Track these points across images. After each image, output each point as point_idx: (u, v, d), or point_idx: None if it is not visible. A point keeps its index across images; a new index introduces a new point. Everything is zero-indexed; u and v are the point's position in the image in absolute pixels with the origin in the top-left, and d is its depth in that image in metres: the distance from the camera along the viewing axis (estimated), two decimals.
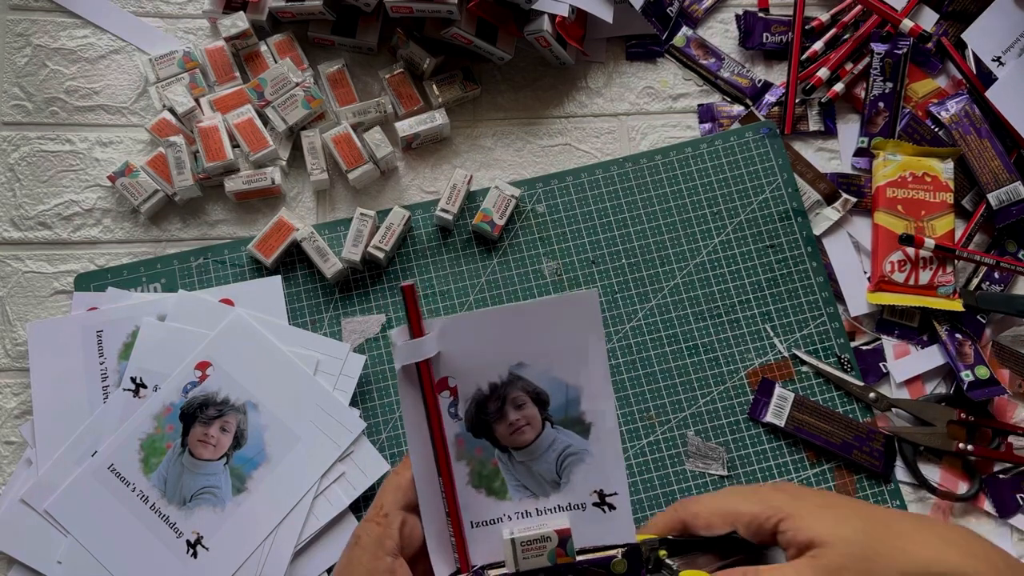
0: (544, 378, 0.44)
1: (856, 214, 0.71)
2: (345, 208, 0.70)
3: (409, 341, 0.42)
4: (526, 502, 0.45)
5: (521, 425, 0.44)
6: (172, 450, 0.60)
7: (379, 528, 0.44)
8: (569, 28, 0.70)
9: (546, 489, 0.45)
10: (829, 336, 0.67)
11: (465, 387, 0.44)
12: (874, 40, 0.73)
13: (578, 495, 0.45)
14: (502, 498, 0.45)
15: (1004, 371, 0.66)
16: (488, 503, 0.44)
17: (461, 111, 0.73)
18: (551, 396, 0.44)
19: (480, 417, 0.44)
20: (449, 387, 0.43)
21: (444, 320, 0.43)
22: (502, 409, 0.44)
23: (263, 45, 0.72)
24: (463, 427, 0.44)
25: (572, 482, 0.45)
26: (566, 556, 0.43)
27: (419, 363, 0.42)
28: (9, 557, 0.59)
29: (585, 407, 0.44)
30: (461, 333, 0.43)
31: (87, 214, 0.69)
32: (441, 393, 0.43)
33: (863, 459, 0.63)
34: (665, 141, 0.73)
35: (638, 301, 0.67)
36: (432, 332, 0.42)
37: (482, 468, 0.44)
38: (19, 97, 0.71)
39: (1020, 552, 0.63)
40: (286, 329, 0.64)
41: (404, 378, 0.43)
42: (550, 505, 0.45)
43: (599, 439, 0.44)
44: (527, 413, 0.44)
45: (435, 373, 0.43)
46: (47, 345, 0.63)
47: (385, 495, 0.45)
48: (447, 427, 0.44)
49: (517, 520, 0.45)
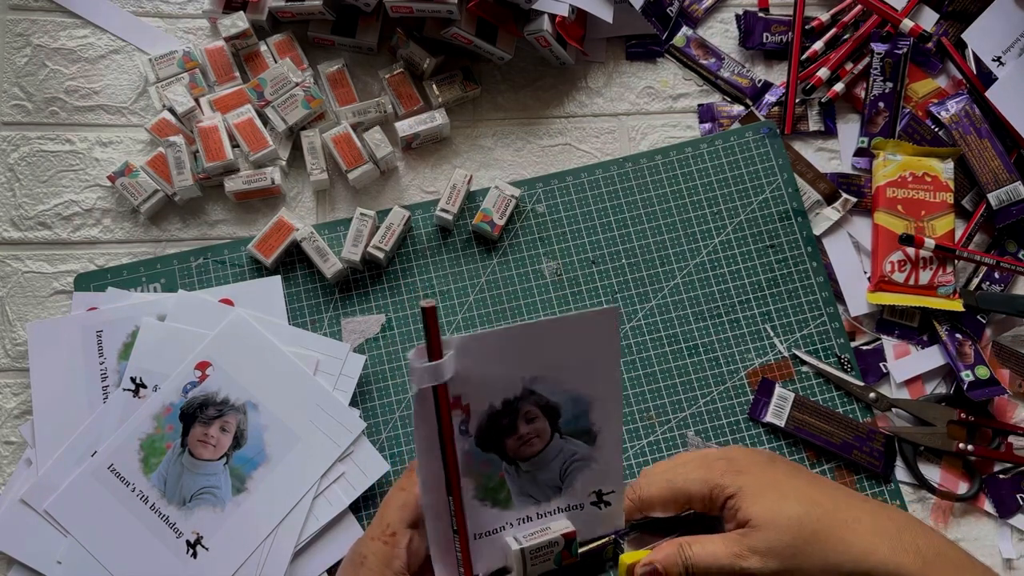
0: (558, 392, 0.43)
1: (856, 214, 0.71)
2: (345, 208, 0.70)
3: (428, 364, 0.40)
4: (528, 509, 0.45)
5: (531, 438, 0.44)
6: (172, 450, 0.60)
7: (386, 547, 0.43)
8: (569, 28, 0.70)
9: (548, 494, 0.45)
10: (829, 336, 0.67)
11: (477, 404, 0.42)
12: (874, 40, 0.73)
13: (578, 497, 0.45)
14: (506, 508, 0.44)
15: (1004, 371, 0.66)
16: (492, 514, 0.44)
17: (461, 111, 0.73)
18: (563, 409, 0.44)
19: (490, 433, 0.43)
20: (461, 405, 0.42)
21: (461, 339, 0.41)
22: (513, 423, 0.43)
23: (263, 45, 0.72)
24: (472, 443, 0.43)
25: (574, 485, 0.45)
26: (571, 557, 0.44)
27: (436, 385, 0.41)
28: (9, 557, 0.59)
29: (593, 417, 0.44)
30: (477, 352, 0.41)
31: (87, 214, 0.69)
32: (453, 411, 0.42)
33: (863, 459, 0.63)
34: (665, 141, 0.73)
35: (638, 301, 0.67)
36: (449, 353, 0.40)
37: (488, 482, 0.44)
38: (19, 97, 0.71)
39: (1020, 552, 0.63)
40: (286, 329, 0.64)
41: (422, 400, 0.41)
42: (550, 508, 0.45)
43: (603, 446, 0.44)
44: (537, 427, 0.44)
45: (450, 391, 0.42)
46: (47, 345, 0.63)
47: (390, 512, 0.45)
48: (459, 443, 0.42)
49: (519, 526, 0.44)
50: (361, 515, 0.61)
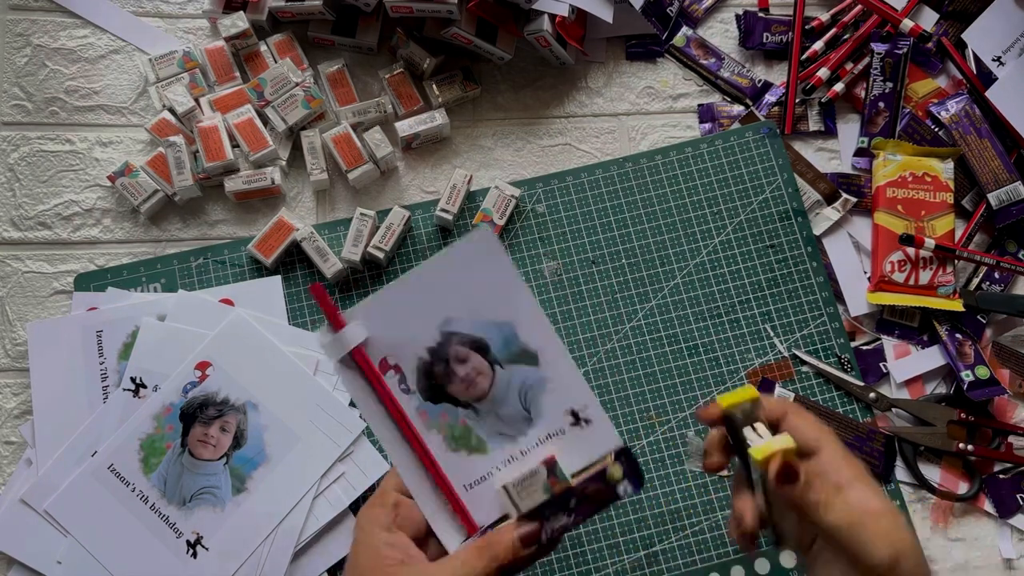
0: (475, 325, 0.44)
1: (856, 214, 0.71)
2: (345, 208, 0.70)
3: (334, 335, 0.42)
4: (508, 448, 0.45)
5: (473, 377, 0.44)
6: (172, 450, 0.60)
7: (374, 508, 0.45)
8: (569, 28, 0.70)
9: (521, 427, 0.45)
10: (829, 336, 0.67)
11: (406, 361, 0.44)
12: (874, 40, 0.73)
13: (553, 421, 0.45)
14: (484, 453, 0.44)
15: (1004, 371, 0.66)
16: (472, 461, 0.44)
17: (461, 111, 0.73)
18: (489, 340, 0.44)
19: (431, 383, 0.44)
20: (391, 366, 0.43)
21: (360, 306, 0.43)
22: (448, 369, 0.44)
23: (263, 45, 0.72)
24: (419, 399, 0.44)
25: (542, 411, 0.44)
26: (559, 481, 0.43)
27: (352, 352, 0.42)
28: (9, 557, 0.59)
29: (524, 337, 0.44)
30: (381, 313, 0.43)
31: (87, 214, 0.69)
32: (386, 374, 0.43)
33: (863, 459, 0.63)
34: (665, 141, 0.73)
35: (638, 301, 0.67)
36: (354, 320, 0.42)
37: (453, 431, 0.44)
38: (19, 97, 0.71)
39: (1020, 552, 0.63)
40: (286, 329, 0.64)
41: (345, 372, 0.43)
42: (531, 443, 0.45)
43: (550, 362, 0.44)
44: (473, 364, 0.44)
45: (372, 357, 0.43)
46: (47, 345, 0.63)
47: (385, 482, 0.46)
48: (405, 403, 0.44)
49: (506, 468, 0.44)
50: None
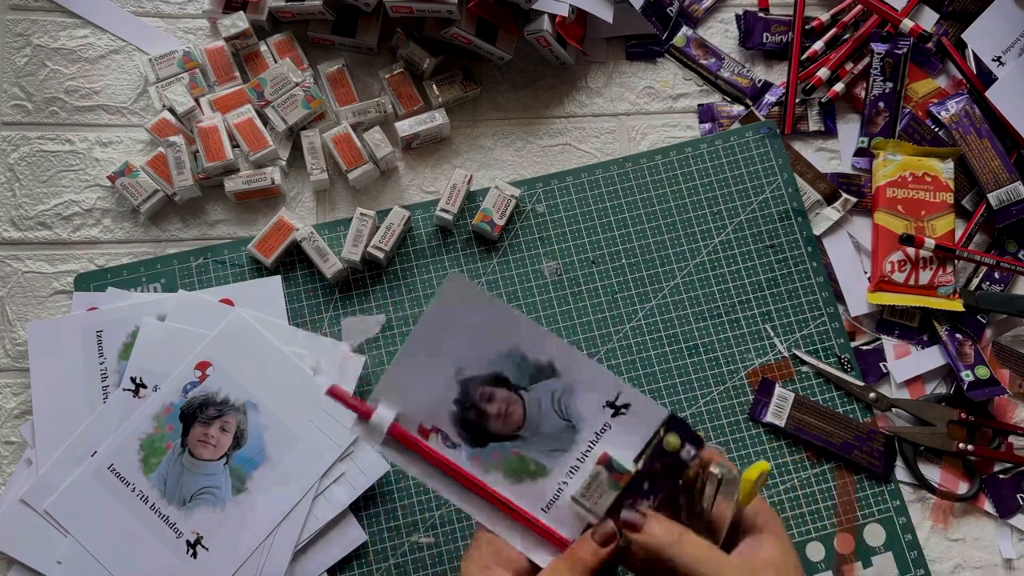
0: (486, 363, 0.45)
1: (856, 214, 0.71)
2: (345, 208, 0.70)
3: (367, 425, 0.44)
4: (565, 460, 0.46)
5: (505, 410, 0.46)
6: (172, 450, 0.60)
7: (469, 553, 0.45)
8: (569, 28, 0.70)
9: (569, 437, 0.46)
10: (829, 336, 0.67)
11: (441, 420, 0.45)
12: (874, 40, 0.73)
13: (595, 421, 0.45)
14: (546, 474, 0.46)
15: (1004, 371, 0.66)
16: (539, 485, 0.45)
17: (461, 111, 0.73)
18: (504, 371, 0.45)
19: (471, 431, 0.46)
20: (429, 430, 0.45)
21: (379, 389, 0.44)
22: (480, 411, 0.45)
23: (263, 45, 0.72)
24: (467, 449, 0.46)
25: (581, 414, 0.45)
26: (624, 474, 0.44)
27: (390, 432, 0.44)
28: (9, 557, 0.59)
29: (532, 355, 0.45)
30: (398, 387, 0.45)
31: (87, 214, 0.69)
32: (428, 439, 0.45)
33: (863, 459, 0.63)
34: (665, 141, 0.73)
35: (638, 301, 0.67)
36: (379, 403, 0.44)
37: (509, 465, 0.46)
38: (19, 97, 0.71)
39: (1020, 552, 0.63)
40: (286, 329, 0.64)
41: (391, 452, 0.45)
42: (584, 446, 0.45)
43: (567, 367, 0.45)
44: (501, 398, 0.45)
45: (408, 429, 0.45)
46: (47, 345, 0.63)
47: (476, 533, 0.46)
48: (456, 458, 0.45)
49: (573, 479, 0.45)
50: (361, 515, 0.61)
